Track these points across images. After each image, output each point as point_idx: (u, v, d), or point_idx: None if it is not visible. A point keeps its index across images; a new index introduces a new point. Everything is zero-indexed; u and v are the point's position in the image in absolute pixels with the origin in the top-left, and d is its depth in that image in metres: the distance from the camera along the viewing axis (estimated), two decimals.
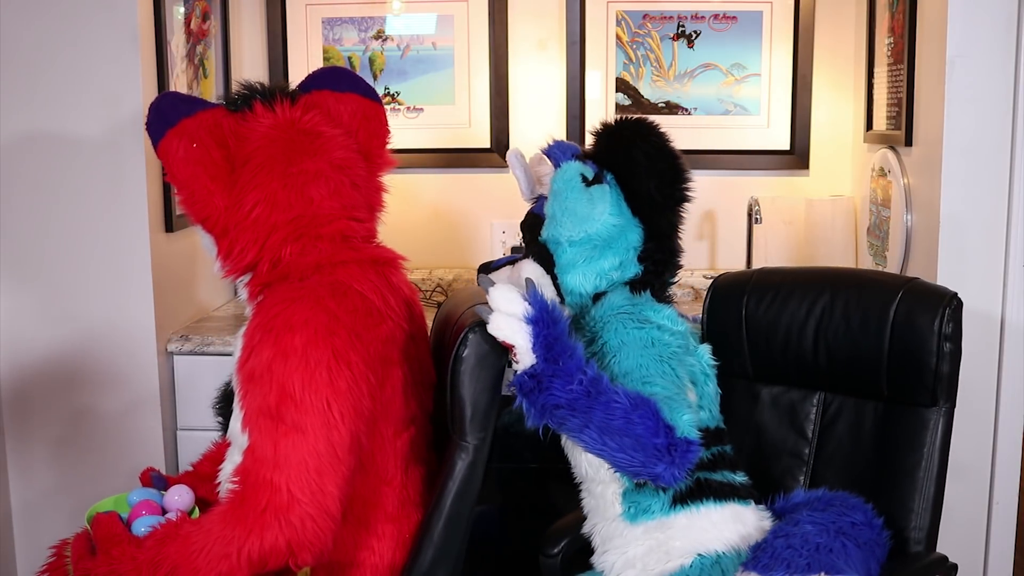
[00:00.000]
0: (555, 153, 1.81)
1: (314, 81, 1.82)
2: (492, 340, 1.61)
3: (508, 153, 1.89)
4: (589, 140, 1.87)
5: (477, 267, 1.97)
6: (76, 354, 2.42)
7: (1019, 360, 2.32)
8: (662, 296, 1.82)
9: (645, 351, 1.67)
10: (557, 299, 1.75)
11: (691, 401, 1.68)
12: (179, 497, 1.72)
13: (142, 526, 1.62)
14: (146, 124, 1.69)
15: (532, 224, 1.84)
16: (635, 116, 1.82)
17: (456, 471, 1.68)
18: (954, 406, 1.79)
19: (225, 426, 1.83)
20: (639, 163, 1.74)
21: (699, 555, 1.65)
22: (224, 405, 1.90)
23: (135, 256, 2.38)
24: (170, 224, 2.47)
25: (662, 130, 1.79)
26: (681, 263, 1.84)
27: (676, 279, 1.85)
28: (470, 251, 3.10)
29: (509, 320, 1.55)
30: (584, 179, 1.75)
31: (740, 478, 1.74)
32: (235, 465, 1.59)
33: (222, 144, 1.66)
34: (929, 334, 1.76)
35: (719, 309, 2.01)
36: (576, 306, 1.79)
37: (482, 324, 1.63)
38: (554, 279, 1.80)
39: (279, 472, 1.51)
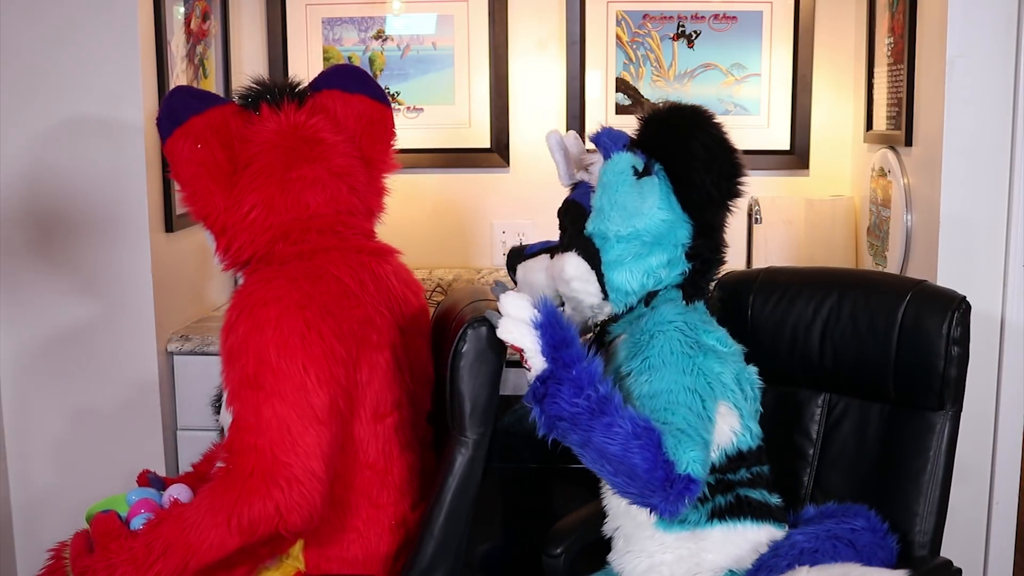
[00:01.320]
0: (605, 142, 1.70)
1: (325, 80, 1.84)
2: (493, 337, 1.62)
3: (548, 135, 1.80)
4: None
5: (508, 251, 1.90)
6: (76, 354, 2.42)
7: (1019, 360, 2.32)
8: (706, 296, 1.75)
9: (680, 377, 1.60)
10: (601, 297, 1.70)
11: (708, 439, 1.59)
12: (178, 496, 1.72)
13: (140, 523, 1.62)
14: (156, 120, 1.72)
15: (574, 213, 1.73)
16: (689, 103, 1.72)
17: (456, 466, 1.68)
18: (960, 410, 1.78)
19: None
20: (697, 156, 1.64)
21: (731, 571, 1.63)
22: (222, 404, 1.91)
23: (135, 256, 2.38)
24: (170, 224, 2.46)
25: (717, 119, 1.69)
26: (725, 259, 1.76)
27: (717, 276, 1.78)
28: (470, 251, 3.10)
29: (518, 324, 1.55)
30: (635, 171, 1.66)
31: (775, 500, 1.71)
32: None
33: (227, 145, 1.70)
34: (937, 338, 1.75)
35: (725, 308, 2.00)
36: (621, 304, 1.71)
37: (481, 320, 1.66)
38: (599, 276, 1.69)
39: (262, 437, 1.53)
